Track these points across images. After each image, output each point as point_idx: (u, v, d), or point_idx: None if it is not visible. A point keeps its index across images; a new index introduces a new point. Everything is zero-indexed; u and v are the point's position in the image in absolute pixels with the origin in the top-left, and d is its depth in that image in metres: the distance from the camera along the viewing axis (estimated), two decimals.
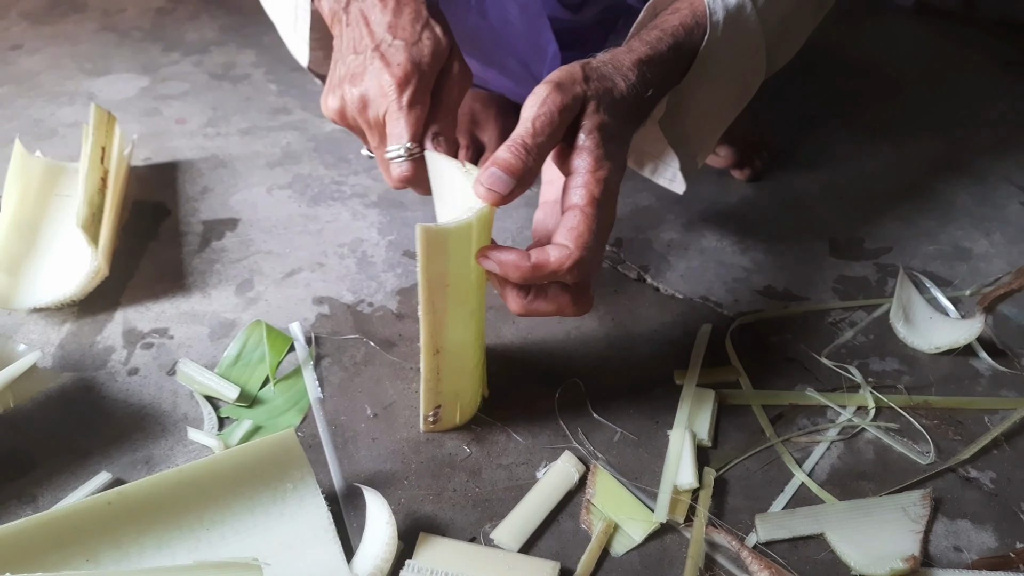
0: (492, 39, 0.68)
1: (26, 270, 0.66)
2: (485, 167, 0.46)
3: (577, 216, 0.46)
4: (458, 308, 0.49)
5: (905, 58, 1.11)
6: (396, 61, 0.50)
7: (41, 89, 0.96)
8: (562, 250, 0.46)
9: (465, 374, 0.54)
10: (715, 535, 0.51)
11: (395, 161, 0.51)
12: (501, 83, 0.75)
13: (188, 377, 0.59)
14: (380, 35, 0.52)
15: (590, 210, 0.46)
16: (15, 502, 0.52)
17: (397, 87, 0.50)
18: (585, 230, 0.46)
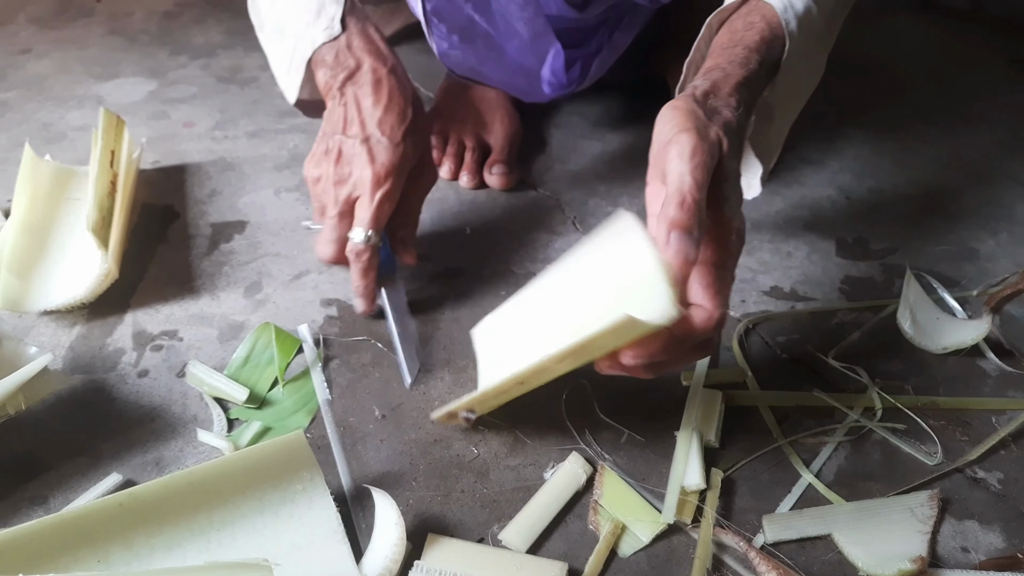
0: (491, 35, 0.68)
1: (36, 273, 0.67)
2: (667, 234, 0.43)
3: (712, 273, 0.45)
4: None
5: (911, 56, 1.11)
6: (380, 160, 0.59)
7: (50, 93, 0.97)
8: (703, 312, 0.44)
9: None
10: (723, 536, 0.51)
11: (353, 242, 0.60)
12: (499, 78, 0.75)
13: (197, 379, 0.59)
14: (370, 129, 0.59)
15: (723, 263, 0.46)
16: (26, 504, 0.52)
17: (374, 183, 0.59)
18: (724, 287, 0.45)
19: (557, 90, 0.71)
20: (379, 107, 0.59)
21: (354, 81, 0.61)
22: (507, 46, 0.69)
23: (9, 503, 0.52)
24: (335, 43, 0.61)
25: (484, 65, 0.72)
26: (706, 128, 0.45)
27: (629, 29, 0.75)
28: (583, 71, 0.71)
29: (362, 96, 0.60)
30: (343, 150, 0.60)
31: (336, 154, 0.60)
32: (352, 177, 0.59)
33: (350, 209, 0.60)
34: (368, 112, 0.60)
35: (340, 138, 0.60)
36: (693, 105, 0.46)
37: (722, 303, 0.45)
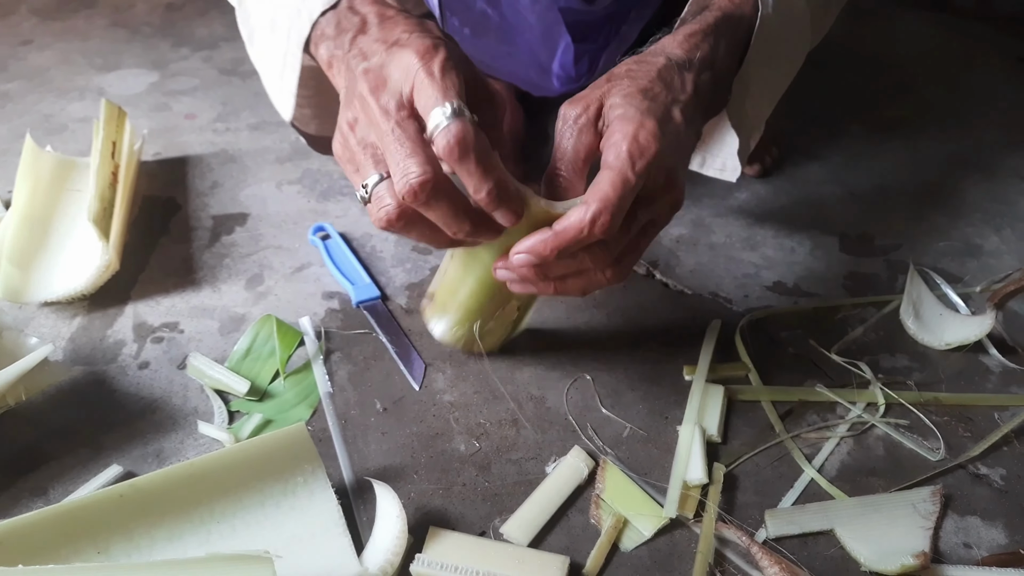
0: (502, 28, 0.68)
1: (37, 264, 0.67)
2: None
3: (603, 175, 0.44)
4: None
5: (917, 54, 1.10)
6: (416, 41, 0.44)
7: (51, 84, 0.97)
8: (581, 210, 0.43)
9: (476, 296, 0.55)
10: (725, 531, 0.50)
11: (440, 128, 0.41)
12: (510, 71, 0.74)
13: (198, 371, 0.59)
14: (394, 36, 0.46)
15: (617, 164, 0.44)
16: (27, 495, 0.52)
17: (422, 57, 0.42)
18: (608, 187, 0.43)
19: (566, 84, 0.71)
20: (394, 22, 0.47)
21: (364, 32, 0.48)
22: (519, 40, 0.68)
23: (9, 494, 0.52)
24: (334, 12, 0.51)
25: (495, 59, 0.72)
26: (589, 91, 0.47)
27: (636, 22, 0.75)
28: (591, 65, 0.71)
29: (373, 29, 0.48)
30: (371, 66, 0.45)
31: (363, 81, 0.45)
32: (391, 74, 0.44)
33: (410, 112, 0.43)
34: (381, 31, 0.47)
35: (361, 66, 0.45)
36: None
37: (603, 200, 0.43)
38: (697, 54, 0.50)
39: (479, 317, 0.57)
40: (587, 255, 0.47)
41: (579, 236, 0.44)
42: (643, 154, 0.44)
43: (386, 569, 0.46)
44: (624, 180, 0.44)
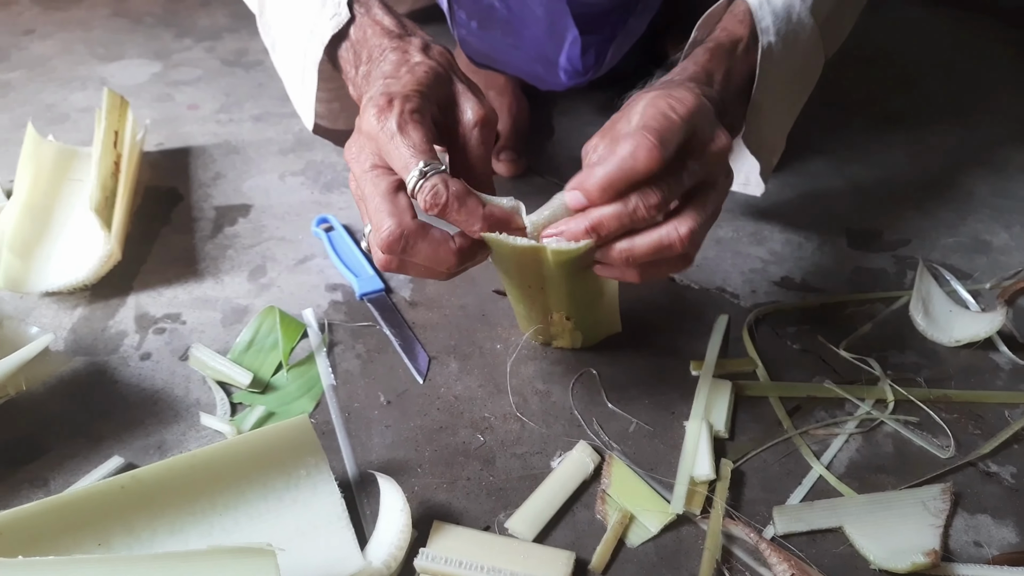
0: (509, 21, 0.67)
1: (38, 254, 0.66)
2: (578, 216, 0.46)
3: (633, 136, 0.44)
4: None
5: (923, 48, 1.09)
6: (379, 93, 0.47)
7: (53, 74, 0.96)
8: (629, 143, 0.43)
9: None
10: (732, 527, 0.50)
11: (417, 189, 0.44)
12: (517, 65, 0.74)
13: (200, 362, 0.59)
14: (373, 88, 0.48)
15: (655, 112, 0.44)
16: (27, 486, 0.52)
17: (379, 120, 0.45)
18: (651, 120, 0.44)
19: (573, 78, 0.70)
20: (381, 62, 0.51)
21: (368, 62, 0.53)
22: (526, 33, 0.68)
23: (9, 485, 0.51)
24: (349, 41, 0.54)
25: (502, 52, 0.71)
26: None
27: (643, 14, 0.74)
28: (598, 58, 0.70)
29: (372, 67, 0.52)
30: (354, 139, 0.49)
31: (349, 158, 0.49)
32: (362, 137, 0.47)
33: (384, 169, 0.46)
34: (373, 71, 0.51)
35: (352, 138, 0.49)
36: None
37: (647, 130, 0.43)
38: (713, 75, 0.52)
39: (534, 323, 0.58)
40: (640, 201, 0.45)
41: (624, 165, 0.44)
42: (682, 103, 0.45)
43: (389, 563, 0.46)
44: (664, 115, 0.44)
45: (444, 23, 0.97)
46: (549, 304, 0.55)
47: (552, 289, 0.53)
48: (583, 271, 0.50)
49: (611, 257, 0.47)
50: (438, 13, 0.93)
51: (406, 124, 0.45)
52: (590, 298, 0.56)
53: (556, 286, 0.52)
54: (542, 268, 0.50)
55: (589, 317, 0.58)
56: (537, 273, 0.51)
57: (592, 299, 0.56)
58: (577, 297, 0.55)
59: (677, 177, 0.46)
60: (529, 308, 0.57)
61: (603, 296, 0.57)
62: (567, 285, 0.52)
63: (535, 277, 0.52)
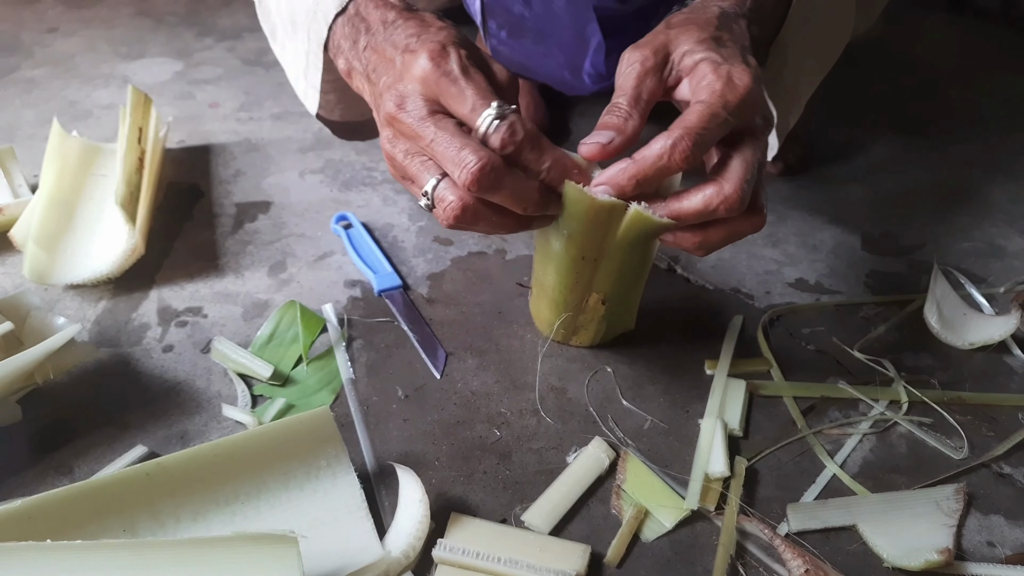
0: (536, 27, 0.68)
1: (63, 247, 0.67)
2: (593, 133, 0.46)
3: (692, 108, 0.44)
4: None
5: (942, 56, 1.10)
6: (423, 44, 0.45)
7: (77, 71, 0.98)
8: (663, 137, 0.44)
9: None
10: (747, 523, 0.50)
11: (492, 129, 0.43)
12: (547, 73, 0.74)
13: (222, 355, 0.60)
14: (402, 42, 0.47)
15: (712, 99, 0.44)
16: (53, 472, 0.53)
17: (434, 61, 0.44)
18: (695, 117, 0.43)
19: (598, 82, 0.71)
20: (396, 26, 0.48)
21: (372, 40, 0.50)
22: (553, 39, 0.68)
23: (35, 471, 0.52)
24: (346, 17, 0.51)
25: (531, 60, 0.71)
26: (653, 36, 0.47)
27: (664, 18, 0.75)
28: None
29: (379, 37, 0.49)
30: (391, 81, 0.46)
31: (386, 91, 0.46)
32: (409, 83, 0.45)
33: (442, 109, 0.45)
34: (388, 38, 0.48)
35: (384, 77, 0.47)
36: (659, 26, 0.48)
37: (687, 129, 0.43)
38: (745, 6, 0.51)
39: (564, 309, 0.58)
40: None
41: (659, 163, 0.44)
42: (735, 90, 0.44)
43: (408, 553, 0.47)
44: (713, 113, 0.44)
45: (461, 25, 0.97)
46: (595, 281, 0.55)
47: (606, 262, 0.53)
48: (644, 245, 0.51)
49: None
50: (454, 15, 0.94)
51: (468, 68, 0.44)
52: (632, 281, 0.57)
53: (612, 257, 0.52)
54: (608, 234, 0.50)
55: (620, 305, 0.59)
56: (601, 239, 0.51)
57: (632, 283, 0.57)
58: (624, 275, 0.55)
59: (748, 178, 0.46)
60: (572, 286, 0.56)
61: (638, 283, 0.58)
62: (624, 258, 0.52)
63: (596, 245, 0.51)
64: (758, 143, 0.47)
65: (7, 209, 0.70)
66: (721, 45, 0.47)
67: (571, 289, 0.56)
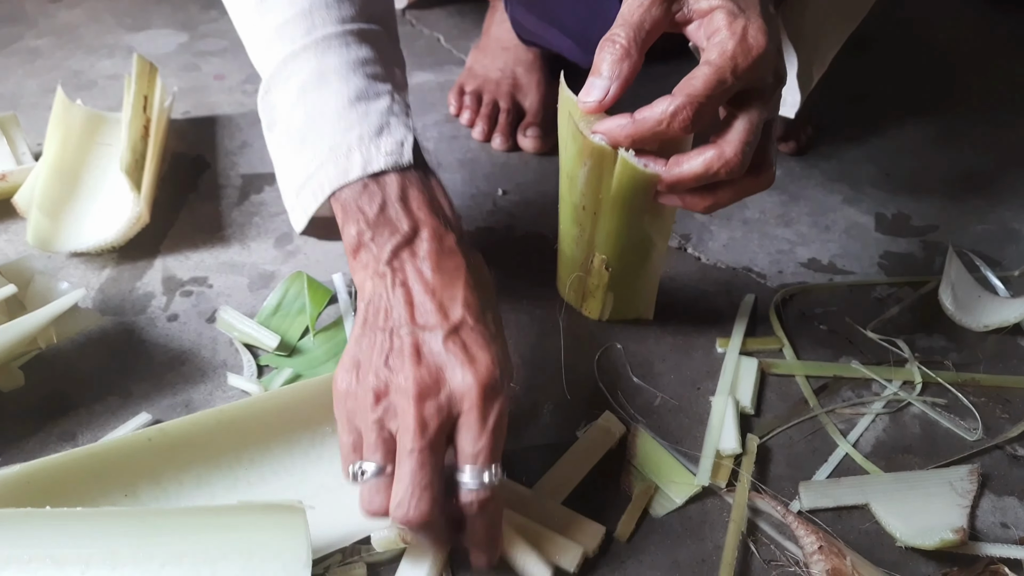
0: None
1: (66, 215, 0.66)
2: (589, 81, 0.45)
3: (699, 71, 0.42)
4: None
5: (958, 40, 1.08)
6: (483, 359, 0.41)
7: (81, 42, 0.96)
8: (665, 101, 0.43)
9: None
10: (759, 500, 0.50)
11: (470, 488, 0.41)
12: (559, 43, 0.73)
13: (228, 324, 0.59)
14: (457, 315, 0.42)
15: (720, 62, 0.42)
16: (55, 439, 0.52)
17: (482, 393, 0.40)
18: (700, 83, 0.42)
19: None
20: (457, 286, 0.43)
21: (412, 251, 0.43)
22: (572, 10, 0.66)
23: (38, 439, 0.52)
24: (382, 187, 0.44)
25: (548, 30, 0.68)
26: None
27: None
28: None
29: (425, 271, 0.43)
30: (421, 348, 0.41)
31: (411, 353, 0.41)
32: (447, 386, 0.40)
33: (446, 438, 0.41)
34: (442, 292, 0.42)
35: (411, 330, 0.42)
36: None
37: (690, 94, 0.42)
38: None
39: (572, 266, 0.58)
40: None
41: (657, 128, 0.43)
42: (748, 53, 0.42)
43: None
44: (720, 80, 0.42)
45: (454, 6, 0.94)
46: (596, 237, 0.54)
47: (605, 218, 0.52)
48: (639, 201, 0.50)
49: (665, 185, 0.46)
50: None
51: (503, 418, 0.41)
52: (637, 254, 0.56)
53: (610, 214, 0.52)
54: (602, 183, 0.50)
55: (627, 278, 0.58)
56: (596, 187, 0.50)
57: (638, 257, 0.56)
58: (624, 241, 0.54)
59: (753, 139, 0.45)
60: (576, 239, 0.56)
61: (647, 262, 0.57)
62: (621, 216, 0.52)
63: (593, 193, 0.51)
64: (766, 103, 0.45)
65: (10, 176, 0.69)
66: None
67: (575, 241, 0.56)
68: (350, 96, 0.45)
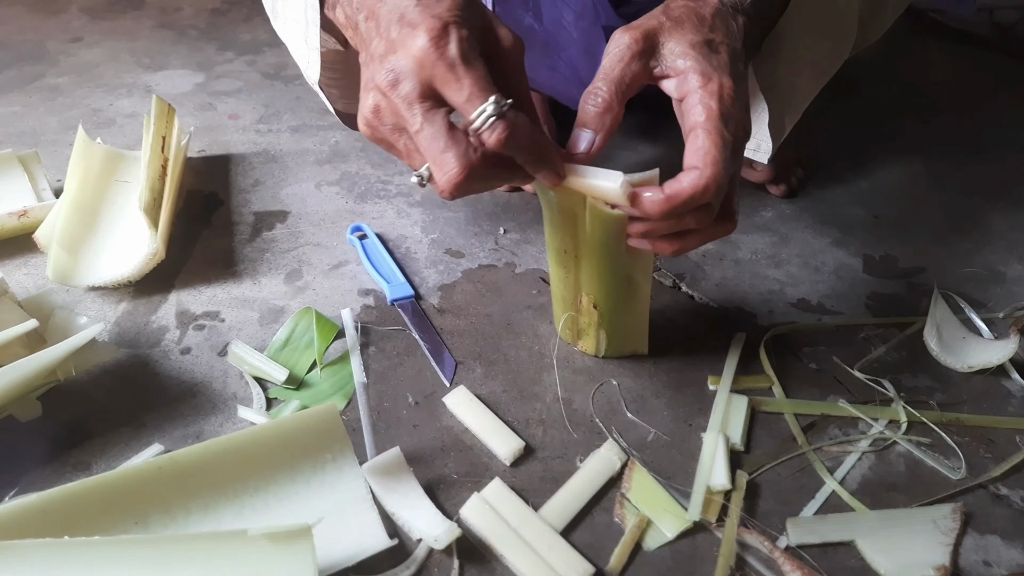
0: (545, 42, 0.70)
1: (85, 250, 0.69)
2: (575, 133, 0.48)
3: (700, 135, 0.45)
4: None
5: (943, 83, 1.12)
6: (423, 18, 0.42)
7: (100, 80, 1.00)
8: (692, 173, 0.45)
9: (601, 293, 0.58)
10: (747, 536, 0.51)
11: (486, 127, 0.41)
12: (552, 85, 0.76)
13: (239, 358, 0.61)
14: (401, 7, 0.43)
15: (711, 124, 0.45)
16: (70, 469, 0.54)
17: (434, 44, 0.41)
18: (711, 146, 0.44)
19: None
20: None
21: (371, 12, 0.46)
22: (562, 55, 0.70)
23: (54, 468, 0.54)
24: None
25: (539, 73, 0.73)
26: (646, 19, 0.48)
27: None
28: None
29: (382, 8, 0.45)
30: (384, 51, 0.43)
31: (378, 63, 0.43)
32: (404, 59, 0.42)
33: (435, 101, 0.42)
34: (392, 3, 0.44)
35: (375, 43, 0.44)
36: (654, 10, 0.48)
37: (713, 162, 0.44)
38: (746, 1, 0.51)
39: (563, 305, 0.61)
40: (693, 216, 0.47)
41: (692, 202, 0.45)
42: (731, 114, 0.45)
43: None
44: (724, 141, 0.45)
45: None
46: (580, 279, 0.57)
47: (587, 260, 0.55)
48: (614, 244, 0.52)
49: (634, 227, 0.49)
50: None
51: (468, 54, 0.41)
52: (621, 294, 0.58)
53: (590, 256, 0.55)
54: (579, 227, 0.52)
55: (616, 316, 0.60)
56: (574, 231, 0.53)
57: (623, 297, 0.59)
58: (607, 282, 0.57)
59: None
60: (563, 280, 0.59)
61: (634, 300, 0.59)
62: (600, 259, 0.54)
63: (572, 236, 0.54)
64: (737, 155, 0.48)
65: (32, 212, 0.72)
66: (713, 51, 0.47)
67: (563, 282, 0.59)
68: None
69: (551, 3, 0.67)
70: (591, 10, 0.66)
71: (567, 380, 0.62)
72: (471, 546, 0.50)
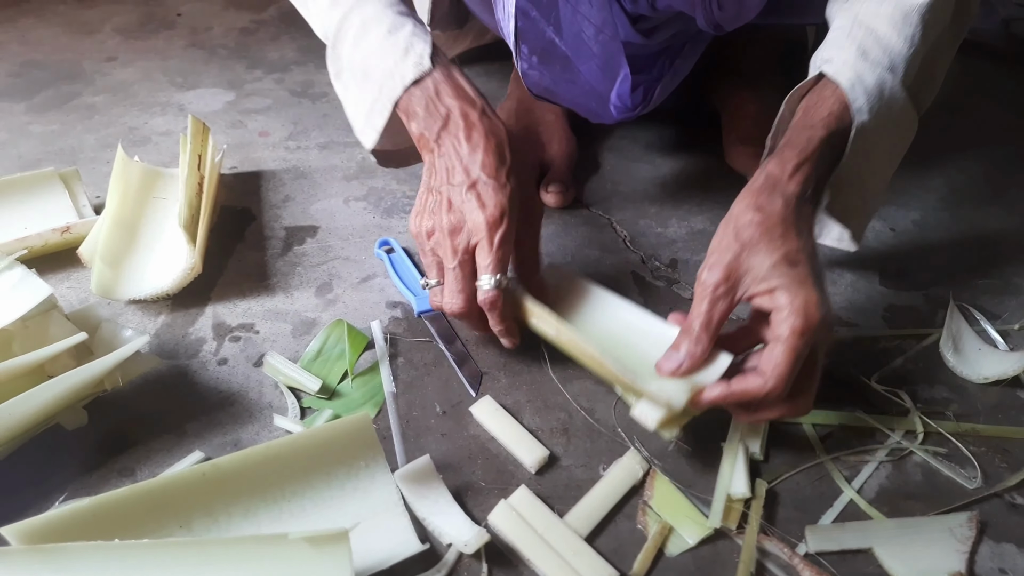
0: (565, 56, 0.72)
1: (126, 265, 0.72)
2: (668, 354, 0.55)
3: (778, 349, 0.51)
4: None
5: (962, 95, 1.12)
6: (490, 203, 0.57)
7: (135, 99, 1.04)
8: (758, 380, 0.52)
9: None
10: (766, 543, 0.53)
11: (483, 290, 0.58)
12: (572, 98, 0.78)
13: (274, 368, 0.64)
14: (475, 173, 0.58)
15: (792, 342, 0.50)
16: (115, 475, 0.57)
17: (490, 226, 0.57)
18: (784, 362, 0.51)
19: (623, 113, 0.75)
20: (477, 151, 0.58)
21: (447, 130, 0.59)
22: (582, 68, 0.73)
23: (100, 474, 0.57)
24: (423, 89, 0.60)
25: (559, 86, 0.76)
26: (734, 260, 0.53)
27: (690, 56, 0.79)
28: (646, 95, 0.75)
29: (458, 144, 0.59)
30: (452, 199, 0.58)
31: (446, 204, 0.58)
32: (466, 224, 0.58)
33: (470, 258, 0.58)
34: (467, 158, 0.58)
35: (447, 188, 0.59)
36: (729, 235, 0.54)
37: (778, 376, 0.51)
38: (810, 186, 0.56)
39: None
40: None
41: (753, 399, 0.53)
42: (810, 325, 0.51)
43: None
44: (798, 356, 0.51)
45: (497, 62, 1.02)
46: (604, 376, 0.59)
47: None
48: None
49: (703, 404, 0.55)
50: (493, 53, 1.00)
51: (504, 241, 0.57)
52: None
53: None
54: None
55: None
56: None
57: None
58: None
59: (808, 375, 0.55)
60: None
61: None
62: None
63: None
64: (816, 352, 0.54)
65: (74, 228, 0.75)
66: (791, 264, 0.52)
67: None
68: (385, 32, 0.61)
69: (571, 18, 0.69)
70: (610, 25, 0.68)
71: (589, 391, 0.64)
72: (499, 551, 0.52)
